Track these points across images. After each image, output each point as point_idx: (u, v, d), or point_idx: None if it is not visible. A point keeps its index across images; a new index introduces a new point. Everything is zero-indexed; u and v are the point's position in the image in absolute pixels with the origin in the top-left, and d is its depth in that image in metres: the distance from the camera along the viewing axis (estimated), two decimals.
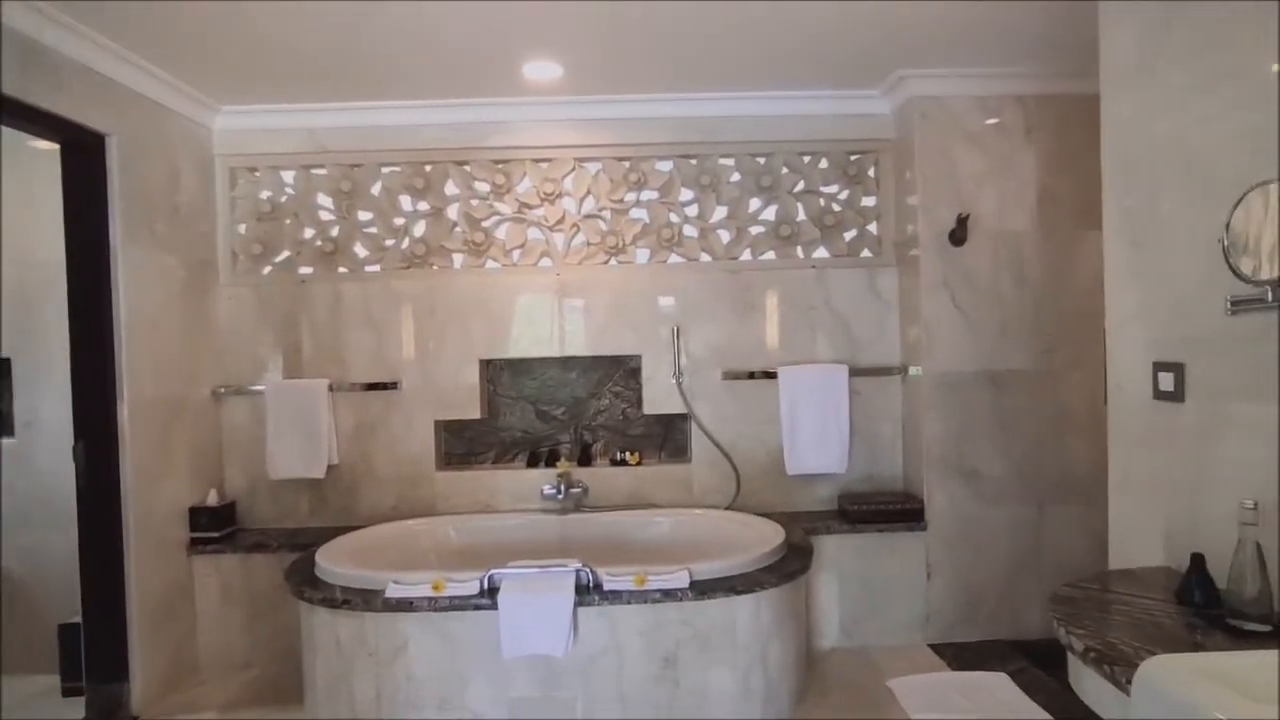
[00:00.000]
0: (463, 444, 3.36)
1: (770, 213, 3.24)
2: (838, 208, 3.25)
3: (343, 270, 3.20)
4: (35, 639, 2.74)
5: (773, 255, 3.24)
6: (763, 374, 3.18)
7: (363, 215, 3.20)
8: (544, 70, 2.78)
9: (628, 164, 3.20)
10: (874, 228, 3.26)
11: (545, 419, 3.39)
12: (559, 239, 3.22)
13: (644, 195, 3.22)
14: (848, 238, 3.26)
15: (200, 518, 2.91)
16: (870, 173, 3.25)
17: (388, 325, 3.18)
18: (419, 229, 3.21)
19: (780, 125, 3.18)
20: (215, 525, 2.93)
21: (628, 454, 3.27)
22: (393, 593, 2.26)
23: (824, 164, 3.23)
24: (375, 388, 3.15)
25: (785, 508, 3.18)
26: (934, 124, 2.98)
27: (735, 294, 3.21)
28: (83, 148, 2.49)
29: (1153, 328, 1.78)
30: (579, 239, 3.23)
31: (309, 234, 3.19)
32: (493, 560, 2.36)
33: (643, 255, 3.24)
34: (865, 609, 3.02)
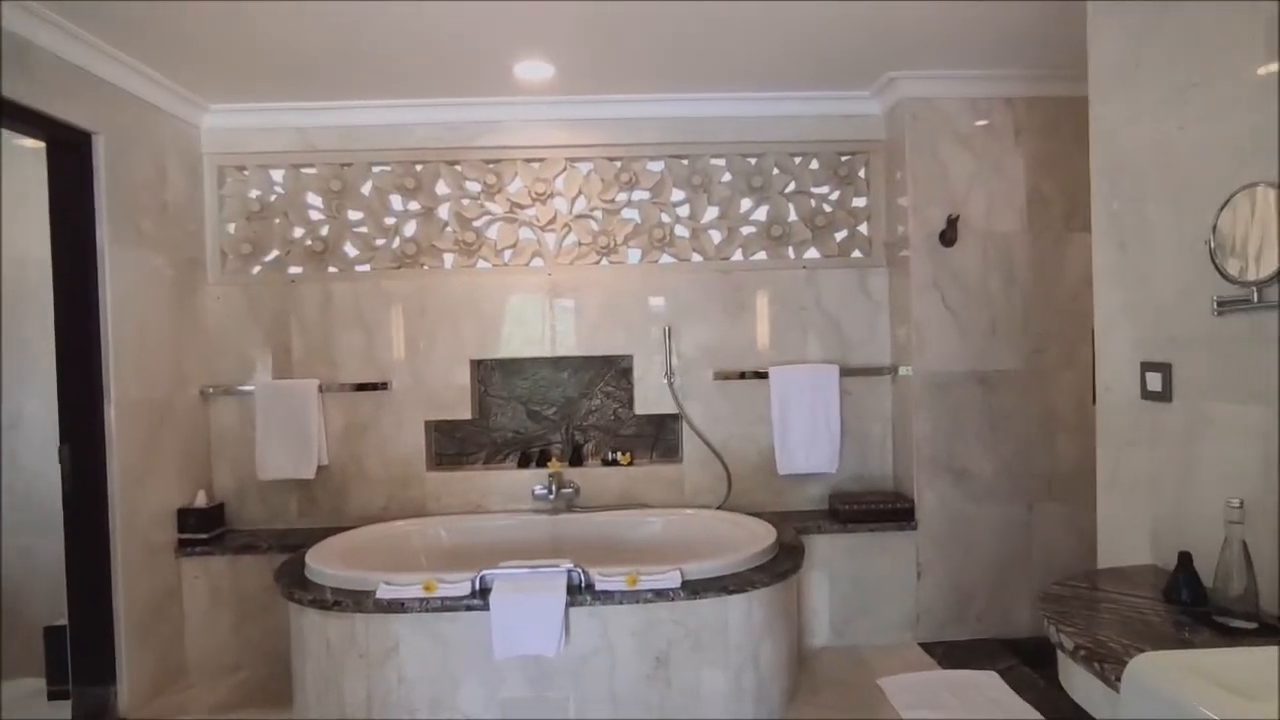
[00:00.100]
0: (454, 444, 3.35)
1: (761, 213, 3.25)
2: (828, 208, 3.26)
3: (333, 270, 3.18)
4: (21, 642, 2.71)
5: (764, 255, 3.25)
6: (754, 374, 3.19)
7: (353, 215, 3.19)
8: (535, 70, 2.78)
9: (619, 164, 3.20)
10: (865, 228, 3.28)
11: (536, 419, 3.39)
12: (550, 239, 3.22)
13: (635, 195, 3.23)
14: (838, 238, 3.27)
15: (188, 519, 2.89)
16: (861, 173, 3.27)
17: (378, 325, 3.17)
18: (410, 229, 3.20)
19: (771, 126, 3.18)
20: (204, 527, 2.91)
21: (619, 454, 3.27)
22: (384, 594, 2.25)
23: (815, 164, 3.25)
24: (365, 388, 3.14)
25: (776, 507, 3.19)
26: (924, 125, 3.00)
27: (726, 294, 3.21)
28: (69, 146, 2.46)
29: (1140, 328, 1.80)
30: (570, 239, 3.22)
31: (299, 233, 3.18)
32: (484, 561, 2.36)
33: (634, 255, 3.24)
34: (856, 608, 3.04)
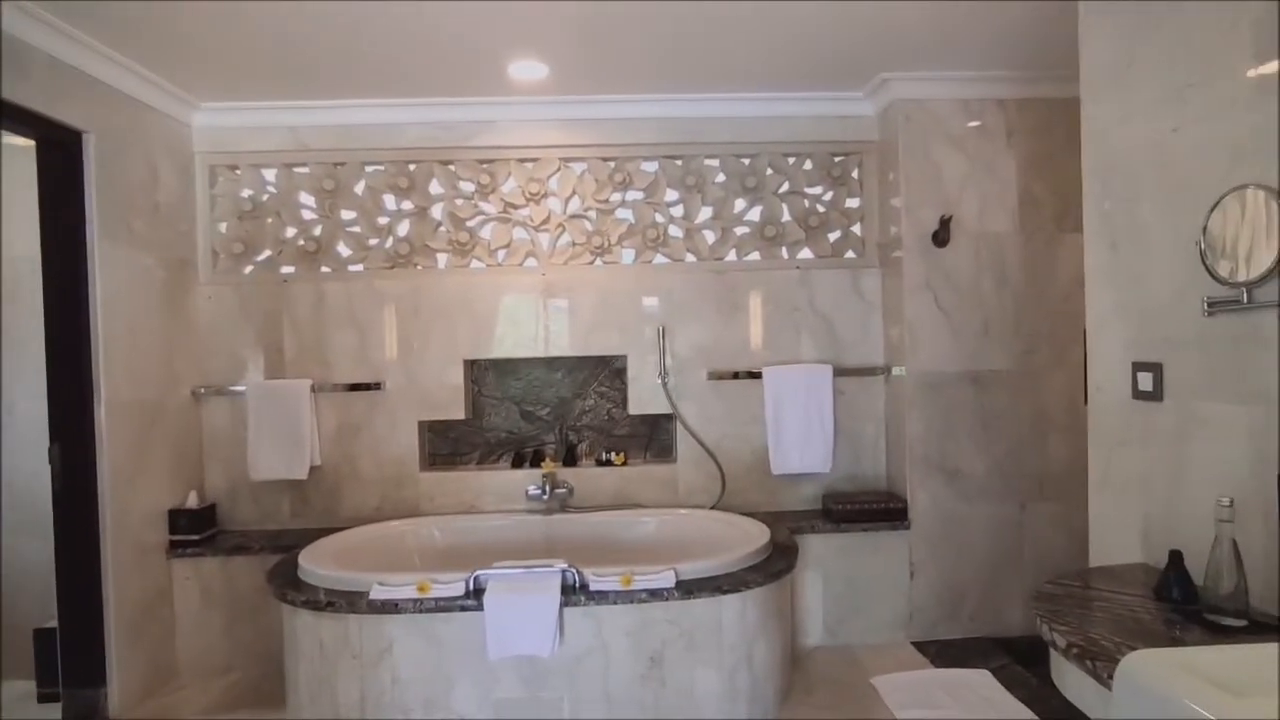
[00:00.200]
0: (447, 444, 3.35)
1: (755, 213, 3.25)
2: (822, 209, 3.27)
3: (326, 270, 3.17)
4: (10, 644, 2.69)
5: (757, 256, 3.25)
6: (747, 374, 3.19)
7: (346, 214, 3.18)
8: (529, 70, 2.78)
9: (613, 164, 3.20)
10: (858, 229, 3.29)
11: (530, 419, 3.38)
12: (544, 239, 3.21)
13: (629, 195, 3.23)
14: (832, 239, 3.28)
15: (180, 520, 2.88)
16: (854, 174, 3.28)
17: (371, 325, 3.16)
18: (403, 228, 3.19)
19: (765, 126, 3.19)
20: (195, 528, 2.89)
21: (613, 454, 3.27)
22: (377, 594, 2.24)
23: (808, 165, 3.25)
24: (358, 388, 3.13)
25: (770, 507, 3.20)
26: (917, 126, 3.01)
27: (720, 294, 3.22)
28: (59, 145, 2.45)
29: (1131, 328, 1.81)
30: (564, 239, 3.22)
31: (291, 233, 3.16)
32: (478, 561, 2.35)
33: (628, 255, 3.24)
34: (849, 607, 3.04)
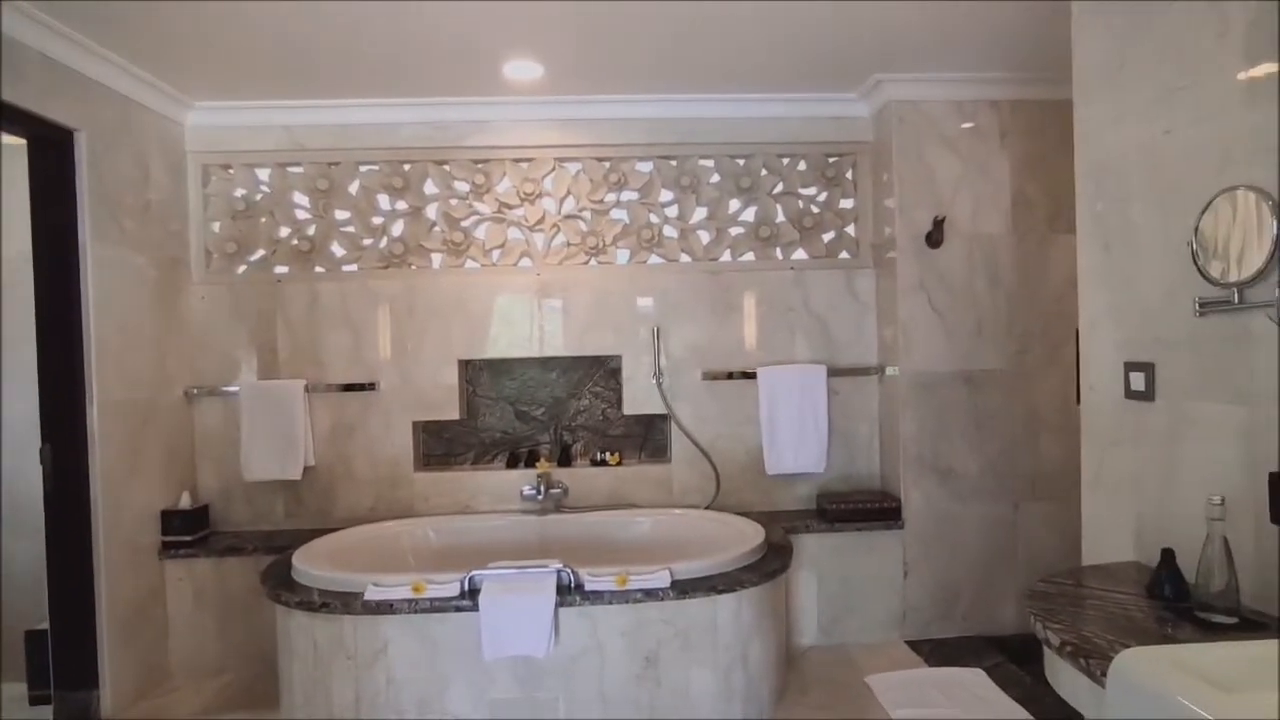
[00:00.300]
0: (442, 445, 3.34)
1: (749, 214, 3.26)
2: (816, 209, 3.27)
3: (319, 269, 3.16)
4: (2, 646, 2.67)
5: (752, 256, 3.26)
6: (742, 374, 3.20)
7: (340, 214, 3.17)
8: (524, 70, 2.77)
9: (608, 164, 3.20)
10: (852, 229, 3.30)
11: (525, 419, 3.38)
12: (539, 239, 3.21)
13: (624, 196, 3.23)
14: (826, 239, 3.29)
15: (172, 521, 2.86)
16: (848, 175, 3.29)
17: (365, 325, 3.15)
18: (397, 228, 3.18)
19: (759, 127, 3.20)
20: (188, 529, 2.88)
21: (608, 454, 3.27)
22: (372, 595, 2.24)
23: (802, 166, 3.26)
24: (353, 388, 3.12)
25: (764, 507, 3.20)
26: (911, 127, 3.02)
27: (715, 294, 3.22)
28: (50, 143, 2.43)
29: (1124, 329, 1.83)
30: (559, 239, 3.22)
31: (285, 232, 3.15)
32: (473, 561, 2.35)
33: (623, 256, 3.24)
34: (843, 607, 3.05)
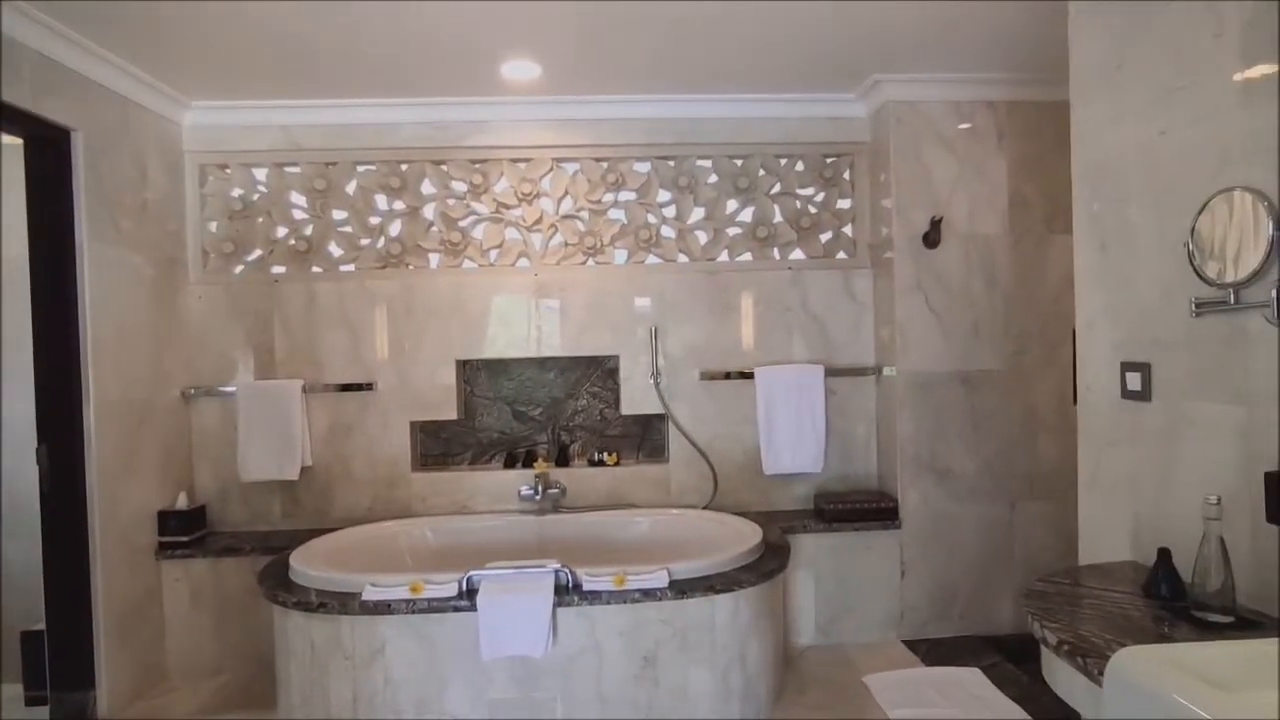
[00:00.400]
0: (439, 445, 3.34)
1: (747, 214, 3.26)
2: (814, 210, 3.28)
3: (317, 269, 3.16)
4: None
5: (749, 256, 3.26)
6: (739, 374, 3.20)
7: (337, 214, 3.16)
8: (522, 70, 2.77)
9: (605, 164, 3.20)
10: (849, 230, 3.30)
11: (522, 419, 3.38)
12: (537, 239, 3.21)
13: (622, 196, 3.23)
14: (823, 239, 3.29)
15: (169, 521, 2.86)
16: (846, 175, 3.29)
17: (363, 325, 3.15)
18: (395, 228, 3.18)
19: (757, 127, 3.20)
20: (185, 529, 2.87)
21: (605, 454, 3.27)
22: (370, 595, 2.24)
23: (800, 166, 3.27)
24: (350, 388, 3.11)
25: (762, 507, 3.21)
26: (908, 128, 3.03)
27: (712, 295, 3.22)
28: (47, 143, 2.42)
29: (1120, 329, 1.83)
30: (556, 239, 3.22)
31: (282, 232, 3.15)
32: (471, 562, 2.35)
33: (620, 256, 3.24)
34: (841, 607, 3.06)
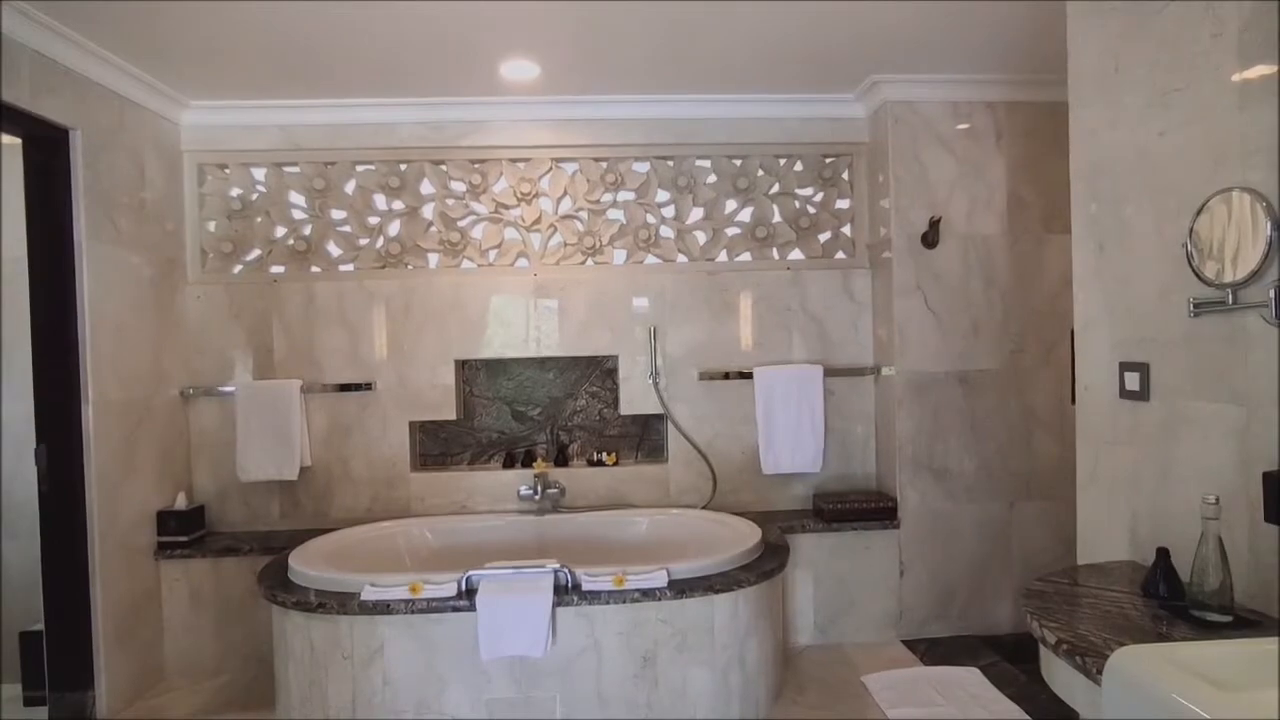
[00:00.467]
0: (438, 445, 3.34)
1: (746, 214, 3.26)
2: (812, 210, 3.28)
3: (316, 269, 3.16)
4: None
5: (748, 256, 3.27)
6: (738, 374, 3.20)
7: (336, 214, 3.16)
8: (521, 70, 2.77)
9: (605, 165, 3.21)
10: (848, 230, 3.31)
11: (521, 419, 3.38)
12: (536, 239, 3.21)
13: (621, 196, 3.23)
14: (822, 240, 3.30)
15: (168, 521, 2.85)
16: (844, 176, 3.30)
17: (362, 325, 3.15)
18: (394, 228, 3.18)
19: (756, 128, 3.20)
20: (183, 529, 2.87)
21: (604, 454, 3.27)
22: (369, 595, 2.24)
23: (799, 166, 3.27)
24: (349, 388, 3.11)
25: (761, 507, 3.21)
26: (907, 128, 3.03)
27: (711, 295, 3.23)
28: (46, 142, 2.42)
29: (1118, 329, 1.84)
30: (555, 239, 3.22)
31: (281, 232, 3.14)
32: (470, 562, 2.35)
33: (619, 256, 3.25)
34: (840, 606, 3.06)
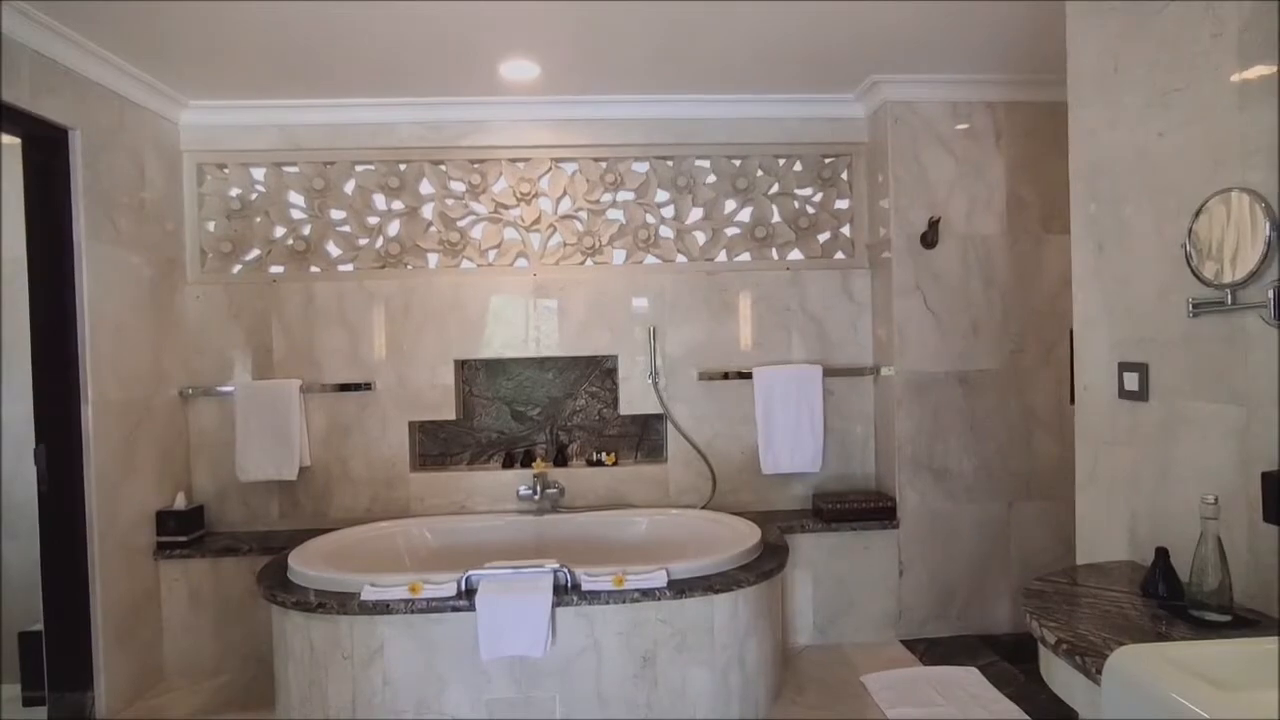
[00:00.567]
0: (438, 445, 3.34)
1: (745, 214, 3.26)
2: (812, 210, 3.29)
3: (315, 269, 3.15)
4: None
5: (748, 257, 3.27)
6: (738, 374, 3.20)
7: (336, 214, 3.16)
8: (521, 70, 2.77)
9: (604, 165, 3.21)
10: (847, 230, 3.31)
11: (521, 419, 3.38)
12: (535, 239, 3.21)
13: (620, 196, 3.23)
14: (821, 240, 3.30)
15: (167, 521, 2.85)
16: (844, 176, 3.30)
17: (361, 325, 3.14)
18: (393, 228, 3.18)
19: (755, 128, 3.21)
20: (183, 529, 2.87)
21: (604, 454, 3.27)
22: (369, 595, 2.24)
23: (798, 166, 3.27)
24: (348, 388, 3.11)
25: (761, 507, 3.21)
26: (906, 128, 3.03)
27: (711, 295, 3.23)
28: (45, 142, 2.42)
29: (1118, 329, 1.84)
30: (555, 239, 3.22)
31: (280, 232, 3.14)
32: (469, 562, 2.35)
33: (619, 256, 3.25)
34: (839, 606, 3.06)
